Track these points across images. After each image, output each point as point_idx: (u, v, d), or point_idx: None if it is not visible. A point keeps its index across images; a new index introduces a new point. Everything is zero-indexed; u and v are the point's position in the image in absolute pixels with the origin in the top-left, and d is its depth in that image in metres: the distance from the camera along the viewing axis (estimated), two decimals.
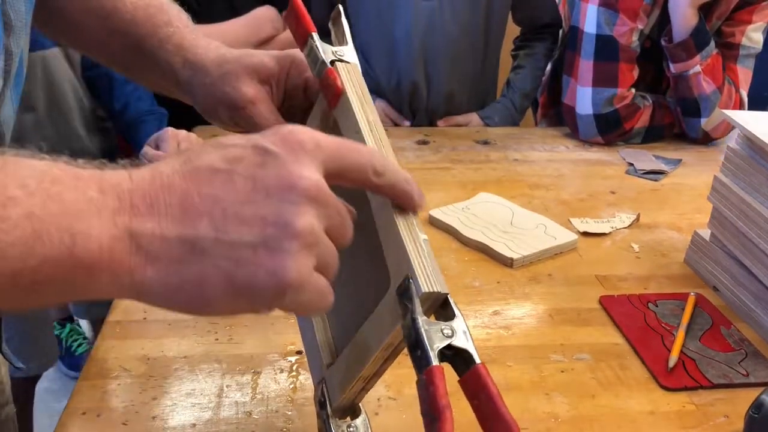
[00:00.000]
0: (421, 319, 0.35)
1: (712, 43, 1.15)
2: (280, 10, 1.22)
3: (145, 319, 0.67)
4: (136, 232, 0.30)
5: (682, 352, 0.65)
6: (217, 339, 0.65)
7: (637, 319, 0.70)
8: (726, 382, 0.61)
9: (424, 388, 0.34)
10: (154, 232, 0.30)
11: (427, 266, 0.36)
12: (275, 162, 0.32)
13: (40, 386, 1.67)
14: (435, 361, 0.35)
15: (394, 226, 0.38)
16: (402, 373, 0.61)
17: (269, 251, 0.31)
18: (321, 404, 0.45)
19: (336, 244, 0.34)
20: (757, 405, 0.52)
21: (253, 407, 0.57)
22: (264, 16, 1.16)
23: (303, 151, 0.32)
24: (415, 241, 0.37)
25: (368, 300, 0.41)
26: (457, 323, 0.36)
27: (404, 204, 0.37)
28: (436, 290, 0.35)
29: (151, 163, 0.32)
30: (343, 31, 0.50)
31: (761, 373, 0.63)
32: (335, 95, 0.44)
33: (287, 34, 1.20)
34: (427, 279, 0.36)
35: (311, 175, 0.32)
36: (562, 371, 0.62)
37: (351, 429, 0.44)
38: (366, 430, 0.45)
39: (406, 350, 0.37)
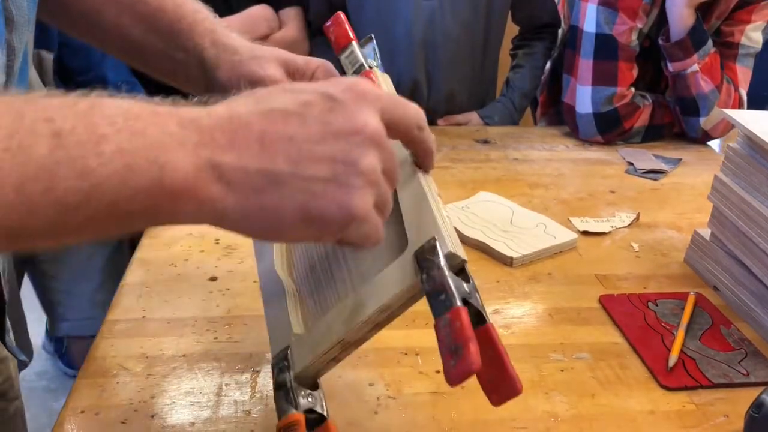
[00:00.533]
0: (447, 267, 0.38)
1: (710, 42, 1.15)
2: (276, 9, 1.22)
3: (143, 317, 0.67)
4: (218, 163, 0.33)
5: (682, 351, 0.65)
6: (216, 338, 0.64)
7: (636, 318, 0.70)
8: (726, 382, 0.61)
9: (449, 325, 0.36)
10: (235, 164, 0.33)
11: (451, 234, 0.40)
12: (342, 108, 0.35)
13: (38, 384, 1.68)
14: (459, 303, 0.37)
15: (424, 196, 0.42)
16: (401, 372, 0.61)
17: (339, 186, 0.34)
18: (281, 369, 0.46)
19: (389, 186, 0.38)
20: (757, 404, 0.52)
21: (252, 406, 0.56)
22: (259, 14, 1.16)
23: (365, 100, 0.36)
24: (440, 211, 0.42)
25: (368, 264, 0.44)
26: (472, 286, 0.40)
27: (427, 161, 0.44)
28: (459, 254, 0.39)
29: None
30: (375, 51, 0.60)
31: (761, 372, 0.63)
32: None
33: (282, 33, 1.20)
34: (452, 243, 0.39)
35: (374, 121, 0.36)
36: (562, 370, 0.62)
37: (310, 399, 0.45)
38: (323, 405, 0.45)
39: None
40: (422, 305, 0.71)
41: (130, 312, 0.68)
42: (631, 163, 1.13)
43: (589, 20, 1.17)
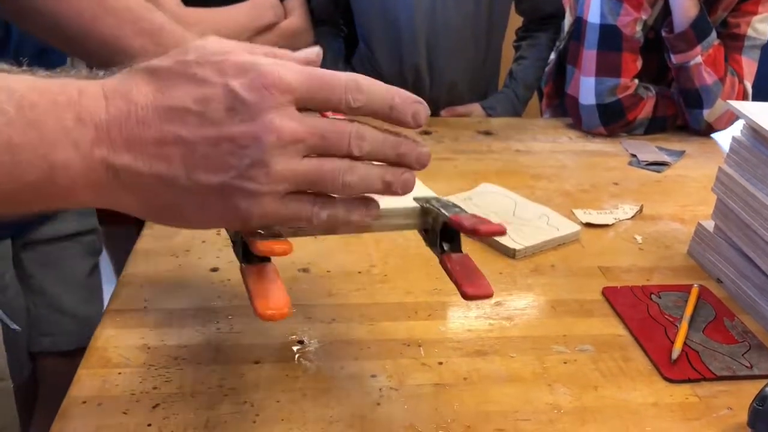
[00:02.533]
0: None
1: (714, 34, 1.15)
2: None
3: (145, 308, 0.67)
4: (114, 164, 0.32)
5: (685, 343, 0.64)
6: (218, 328, 0.64)
7: (640, 310, 0.70)
8: (729, 374, 0.61)
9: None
10: (131, 167, 0.33)
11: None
12: (244, 110, 0.33)
13: None
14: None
15: None
16: (404, 363, 0.61)
17: (232, 193, 0.34)
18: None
19: (341, 153, 0.36)
20: (761, 397, 0.52)
21: (254, 397, 0.56)
22: (265, 2, 1.15)
23: (272, 98, 0.34)
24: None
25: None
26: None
27: (399, 121, 0.39)
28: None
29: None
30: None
31: (765, 365, 0.62)
32: None
33: (288, 23, 1.19)
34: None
35: (277, 122, 0.34)
36: (565, 362, 0.62)
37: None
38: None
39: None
40: (421, 299, 0.70)
41: (131, 302, 0.68)
42: (635, 155, 1.12)
43: (594, 11, 1.16)
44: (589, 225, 0.87)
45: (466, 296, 0.46)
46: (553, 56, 1.40)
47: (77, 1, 0.55)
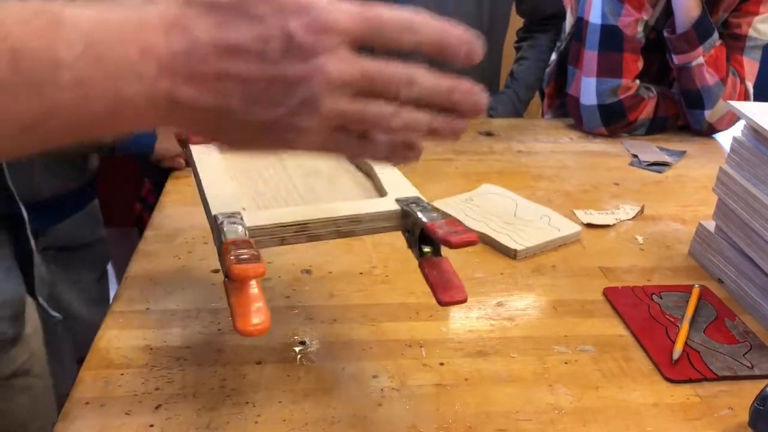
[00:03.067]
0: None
1: (716, 35, 1.15)
2: None
3: (147, 309, 0.67)
4: (176, 98, 0.34)
5: (686, 344, 0.64)
6: (219, 329, 0.64)
7: (641, 310, 0.70)
8: (730, 374, 0.61)
9: (448, 224, 0.48)
10: (191, 100, 0.34)
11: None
12: (298, 50, 0.35)
13: None
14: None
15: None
16: (405, 364, 0.61)
17: (284, 128, 0.36)
18: (232, 222, 0.48)
19: (389, 96, 0.37)
20: (762, 397, 0.52)
21: (256, 397, 0.56)
22: None
23: (326, 40, 0.35)
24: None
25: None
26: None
27: (451, 55, 0.40)
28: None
29: None
30: None
31: (766, 365, 0.62)
32: None
33: None
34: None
35: (331, 66, 0.35)
36: (566, 363, 0.62)
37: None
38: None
39: None
40: (422, 299, 0.71)
41: (134, 303, 0.68)
42: (636, 156, 1.12)
43: (595, 11, 1.17)
44: (590, 225, 0.87)
45: (441, 303, 0.46)
46: (554, 57, 1.40)
47: None
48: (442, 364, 0.61)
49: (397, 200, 0.52)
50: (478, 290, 0.73)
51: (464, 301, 0.47)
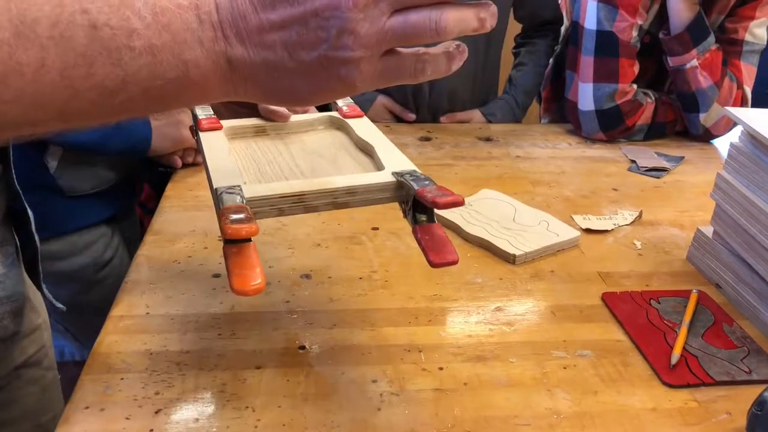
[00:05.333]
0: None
1: (711, 38, 1.15)
2: None
3: (147, 314, 0.67)
4: (231, 57, 0.36)
5: (684, 349, 0.65)
6: (219, 334, 0.65)
7: (639, 315, 0.70)
8: (728, 379, 0.61)
9: (437, 188, 0.50)
10: (244, 58, 0.36)
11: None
12: None
13: None
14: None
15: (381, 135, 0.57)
16: (404, 368, 0.61)
17: (332, 63, 0.36)
18: (231, 193, 0.49)
19: (426, 2, 0.37)
20: (759, 402, 0.52)
21: (256, 402, 0.57)
22: None
23: None
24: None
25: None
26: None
27: (479, 26, 0.40)
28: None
29: None
30: None
31: (764, 370, 0.63)
32: None
33: None
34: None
35: None
36: (565, 368, 0.62)
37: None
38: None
39: None
40: (422, 304, 0.71)
41: (134, 308, 0.68)
42: (634, 161, 1.13)
43: (590, 17, 1.17)
44: (588, 231, 0.88)
45: (432, 264, 0.48)
46: (550, 61, 1.41)
47: None
48: (441, 368, 0.62)
49: (393, 173, 0.53)
50: (477, 295, 0.73)
51: (455, 262, 0.47)
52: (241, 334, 0.65)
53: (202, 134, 0.62)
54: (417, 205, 0.51)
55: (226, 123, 0.64)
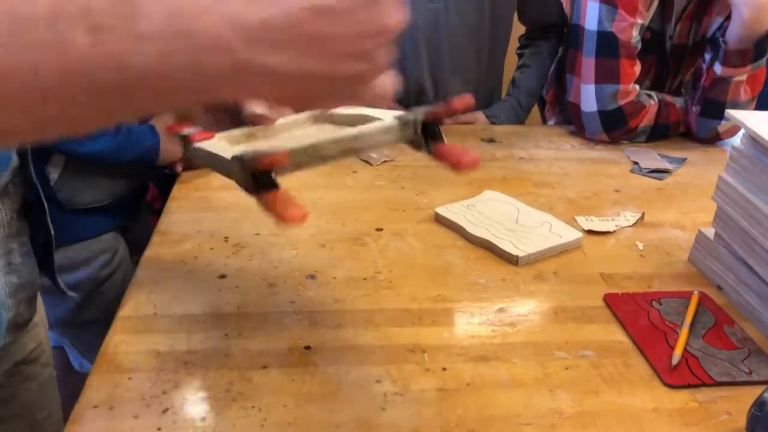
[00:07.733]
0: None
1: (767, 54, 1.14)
2: None
3: (155, 314, 0.68)
4: (263, 63, 0.34)
5: (685, 349, 0.65)
6: (226, 334, 0.65)
7: (641, 317, 0.71)
8: (729, 380, 0.62)
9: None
10: (277, 66, 0.34)
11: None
12: (377, 6, 0.36)
13: None
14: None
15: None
16: (408, 369, 0.62)
17: (367, 80, 0.38)
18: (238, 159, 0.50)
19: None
20: (760, 403, 0.53)
21: (262, 401, 0.57)
22: None
23: None
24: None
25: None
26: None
27: None
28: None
29: None
30: None
31: (764, 371, 0.63)
32: None
33: None
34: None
35: (395, 17, 0.37)
36: (567, 368, 0.63)
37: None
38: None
39: None
40: (425, 305, 0.71)
41: (141, 309, 0.69)
42: (636, 163, 1.13)
43: (590, 18, 1.17)
44: (590, 232, 0.88)
45: (457, 168, 0.55)
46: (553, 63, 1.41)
47: None
48: (444, 369, 0.62)
49: (395, 117, 0.58)
50: (481, 296, 0.73)
51: (477, 164, 0.54)
52: (247, 334, 0.66)
53: (198, 144, 0.62)
54: (426, 134, 0.58)
55: (216, 135, 0.64)
